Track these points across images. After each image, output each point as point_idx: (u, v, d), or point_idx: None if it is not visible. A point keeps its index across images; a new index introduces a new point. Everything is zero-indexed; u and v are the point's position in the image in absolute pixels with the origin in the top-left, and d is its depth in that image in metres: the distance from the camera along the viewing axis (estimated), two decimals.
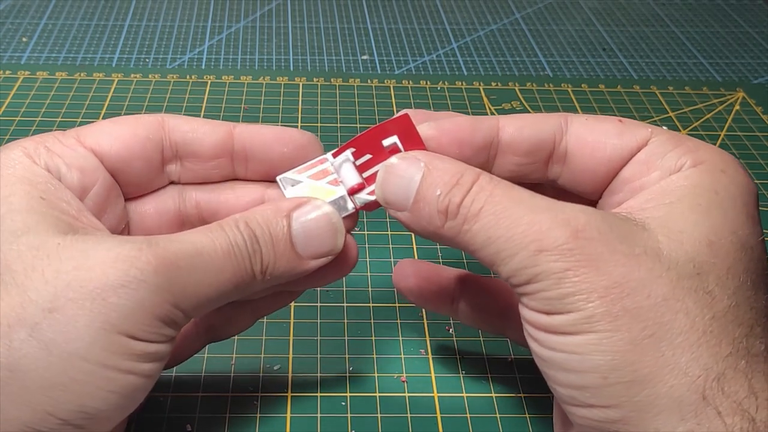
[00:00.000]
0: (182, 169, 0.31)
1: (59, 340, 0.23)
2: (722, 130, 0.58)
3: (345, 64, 0.66)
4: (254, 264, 0.27)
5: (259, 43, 0.69)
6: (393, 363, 0.38)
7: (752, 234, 0.26)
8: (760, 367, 0.24)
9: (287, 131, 0.31)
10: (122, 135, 0.29)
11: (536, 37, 0.72)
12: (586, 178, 0.30)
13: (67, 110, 0.56)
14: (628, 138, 0.29)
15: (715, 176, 0.27)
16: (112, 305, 0.24)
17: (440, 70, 0.66)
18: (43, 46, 0.66)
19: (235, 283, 0.27)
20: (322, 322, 0.40)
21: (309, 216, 0.28)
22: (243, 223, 0.27)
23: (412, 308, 0.41)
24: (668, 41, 0.72)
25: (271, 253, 0.27)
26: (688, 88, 0.64)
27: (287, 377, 0.37)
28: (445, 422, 0.35)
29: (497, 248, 0.26)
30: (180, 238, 0.26)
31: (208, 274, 0.26)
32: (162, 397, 0.35)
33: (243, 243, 0.27)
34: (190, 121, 0.30)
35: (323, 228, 0.28)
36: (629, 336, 0.24)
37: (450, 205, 0.27)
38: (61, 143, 0.28)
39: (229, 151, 0.30)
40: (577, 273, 0.24)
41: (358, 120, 0.57)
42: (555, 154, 0.30)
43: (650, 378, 0.24)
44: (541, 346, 0.26)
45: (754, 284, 0.25)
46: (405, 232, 0.46)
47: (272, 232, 0.28)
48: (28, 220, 0.25)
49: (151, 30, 0.69)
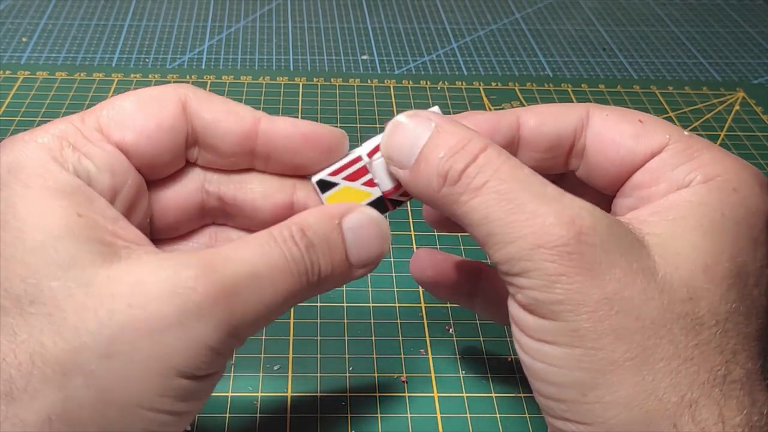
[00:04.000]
0: (200, 155, 0.29)
1: (116, 387, 0.22)
2: (722, 130, 0.58)
3: (345, 64, 0.66)
4: (311, 276, 0.25)
5: (259, 43, 0.68)
6: (393, 363, 0.38)
7: (753, 260, 0.26)
8: (734, 394, 0.24)
9: (318, 132, 0.28)
10: (147, 128, 0.27)
11: (536, 37, 0.72)
12: (600, 176, 0.29)
13: (67, 110, 0.56)
14: (644, 143, 0.28)
15: (724, 196, 0.26)
16: (169, 346, 0.22)
17: (440, 70, 0.66)
18: (43, 46, 0.66)
19: (289, 298, 0.25)
20: (322, 322, 0.40)
21: (360, 222, 0.27)
22: (299, 232, 0.25)
23: (412, 308, 0.41)
24: (668, 41, 0.72)
25: (328, 264, 0.26)
26: (688, 88, 0.64)
27: (287, 377, 0.37)
28: (445, 422, 0.35)
29: (492, 230, 0.25)
30: (235, 257, 0.24)
31: (266, 293, 0.24)
32: None
33: (300, 255, 0.25)
34: (213, 109, 0.27)
35: (373, 234, 0.27)
36: (612, 357, 0.23)
37: (451, 171, 0.25)
38: (86, 138, 0.26)
39: (251, 149, 0.28)
40: (570, 280, 0.24)
41: (358, 120, 0.57)
42: (575, 149, 0.29)
43: (628, 401, 0.23)
44: (524, 352, 0.25)
45: (747, 310, 0.25)
46: (406, 232, 0.46)
47: (329, 241, 0.26)
48: (71, 249, 0.23)
49: (151, 30, 0.70)
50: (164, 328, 0.22)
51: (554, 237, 0.24)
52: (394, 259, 0.44)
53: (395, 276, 0.43)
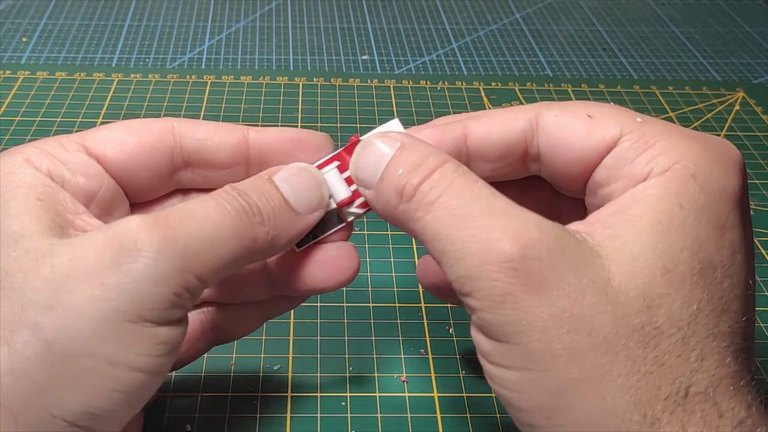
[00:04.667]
0: (194, 175, 0.30)
1: (62, 337, 0.22)
2: (722, 130, 0.58)
3: (345, 64, 0.66)
4: (252, 215, 0.26)
5: (259, 43, 0.69)
6: (393, 363, 0.38)
7: (720, 249, 0.24)
8: (698, 407, 0.23)
9: (304, 135, 0.30)
10: (127, 143, 0.28)
11: (536, 37, 0.72)
12: (561, 178, 0.29)
13: (67, 110, 0.56)
14: (596, 140, 0.27)
15: (682, 185, 0.25)
16: (112, 287, 0.22)
17: (440, 70, 0.66)
18: (43, 46, 0.66)
19: (245, 246, 0.26)
20: (322, 322, 0.40)
21: (290, 173, 0.28)
22: (235, 190, 0.26)
23: (412, 308, 0.41)
24: (668, 41, 0.72)
25: (267, 206, 0.27)
26: (688, 88, 0.64)
27: (287, 377, 0.37)
28: (445, 422, 0.35)
29: (443, 247, 0.24)
30: (173, 210, 0.25)
31: (212, 237, 0.24)
32: (162, 397, 0.35)
33: (233, 198, 0.26)
34: (202, 128, 0.29)
35: (306, 180, 0.28)
36: (568, 377, 0.23)
37: (407, 186, 0.25)
38: (63, 148, 0.28)
39: (244, 158, 0.30)
40: (517, 299, 0.23)
41: (358, 120, 0.57)
42: (529, 154, 0.29)
43: (590, 422, 0.23)
44: (490, 379, 0.25)
45: (716, 307, 0.24)
46: None
47: (261, 188, 0.27)
48: (25, 224, 0.24)
49: (151, 30, 0.70)
50: (102, 270, 0.23)
51: (499, 252, 0.23)
52: (394, 259, 0.44)
53: (395, 276, 0.43)
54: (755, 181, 0.52)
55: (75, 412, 0.23)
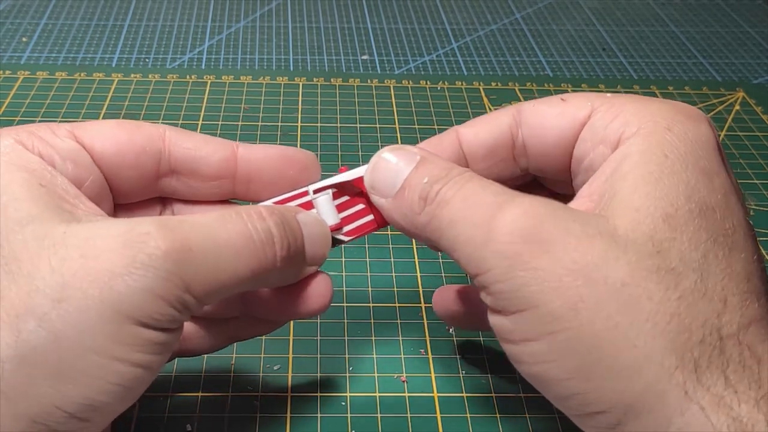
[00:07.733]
0: (179, 184, 0.30)
1: (69, 331, 0.22)
2: (722, 130, 0.58)
3: (345, 64, 0.66)
4: (279, 249, 0.27)
5: (259, 43, 0.69)
6: (393, 363, 0.38)
7: (712, 191, 0.25)
8: (735, 352, 0.22)
9: (292, 153, 0.31)
10: (118, 139, 0.29)
11: (536, 37, 0.72)
12: (547, 166, 0.30)
13: (67, 110, 0.56)
14: (569, 117, 0.29)
15: (660, 137, 0.26)
16: (120, 293, 0.23)
17: (440, 70, 0.66)
18: (43, 46, 0.66)
19: (253, 277, 0.26)
20: (322, 322, 0.40)
21: (309, 220, 0.29)
22: (267, 210, 0.27)
23: (412, 308, 0.41)
24: (668, 41, 0.72)
25: (293, 244, 0.27)
26: (688, 88, 0.64)
27: (287, 377, 0.37)
28: (445, 422, 0.35)
29: (456, 231, 0.25)
30: (192, 221, 0.25)
31: (226, 267, 0.25)
32: (162, 397, 0.35)
33: (266, 227, 0.26)
34: (193, 138, 0.30)
35: (320, 234, 0.29)
36: (594, 330, 0.22)
37: (431, 192, 0.27)
38: (54, 134, 0.28)
39: (231, 172, 0.30)
40: (526, 258, 0.23)
41: (358, 120, 0.57)
42: (516, 147, 0.30)
43: (630, 375, 0.22)
44: (519, 362, 0.25)
45: (724, 248, 0.24)
46: None
47: (291, 224, 0.28)
48: (32, 209, 0.24)
49: (151, 30, 0.70)
50: (114, 276, 0.23)
51: (505, 222, 0.24)
52: (394, 259, 0.44)
53: (395, 276, 0.43)
54: (755, 181, 0.52)
55: (77, 403, 0.23)
